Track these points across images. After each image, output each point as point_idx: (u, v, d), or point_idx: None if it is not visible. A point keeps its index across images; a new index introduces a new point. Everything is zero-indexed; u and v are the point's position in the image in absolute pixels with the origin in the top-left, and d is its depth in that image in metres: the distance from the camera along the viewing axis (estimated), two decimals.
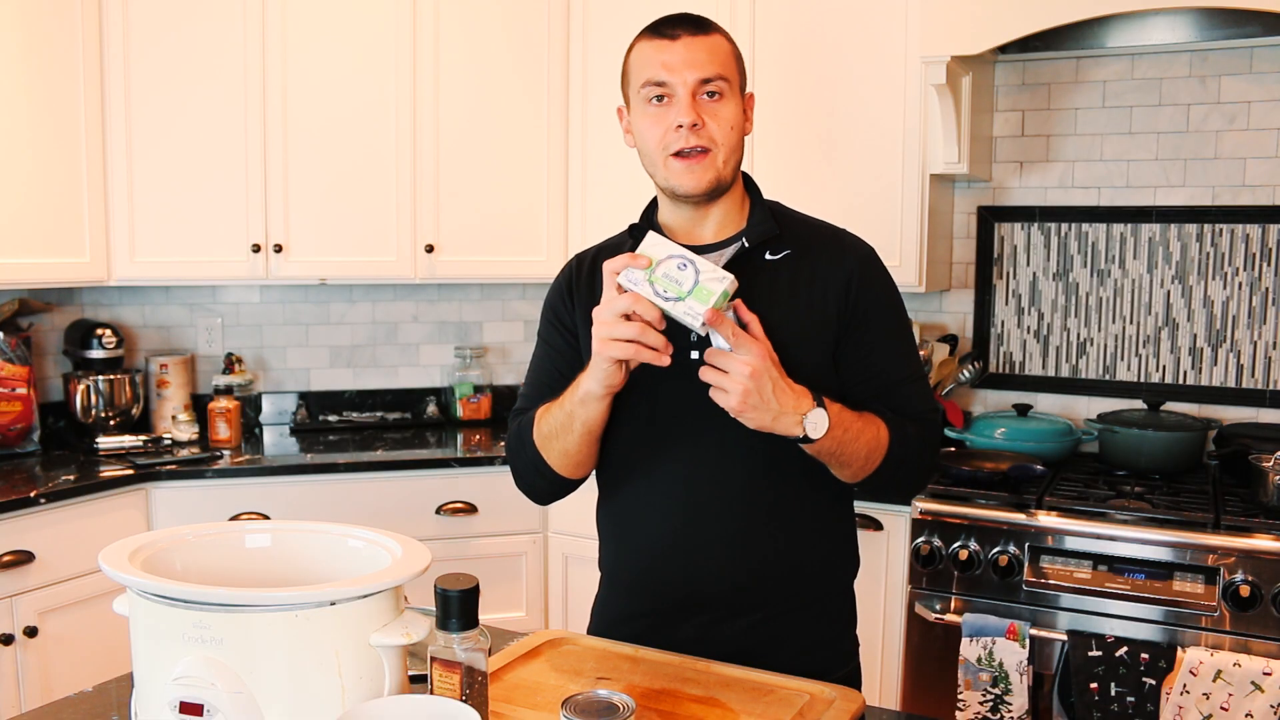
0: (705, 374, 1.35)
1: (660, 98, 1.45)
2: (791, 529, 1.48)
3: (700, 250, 1.50)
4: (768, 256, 1.49)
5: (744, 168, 1.54)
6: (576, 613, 2.86)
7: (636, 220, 1.57)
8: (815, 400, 1.38)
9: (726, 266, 1.47)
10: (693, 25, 1.46)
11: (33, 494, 2.42)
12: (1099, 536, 2.28)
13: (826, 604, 1.55)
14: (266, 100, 2.91)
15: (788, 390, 1.36)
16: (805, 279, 1.48)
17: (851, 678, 1.57)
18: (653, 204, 1.58)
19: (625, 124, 1.54)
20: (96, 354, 3.01)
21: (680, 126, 1.43)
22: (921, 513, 2.43)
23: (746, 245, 1.48)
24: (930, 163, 2.69)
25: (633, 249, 1.44)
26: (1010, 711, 2.27)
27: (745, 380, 1.32)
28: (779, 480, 1.48)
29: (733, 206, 1.52)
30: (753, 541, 1.48)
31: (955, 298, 3.08)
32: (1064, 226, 2.93)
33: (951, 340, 3.00)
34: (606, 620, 1.61)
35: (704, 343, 1.42)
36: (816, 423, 1.37)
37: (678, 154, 1.44)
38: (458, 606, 1.12)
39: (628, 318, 1.34)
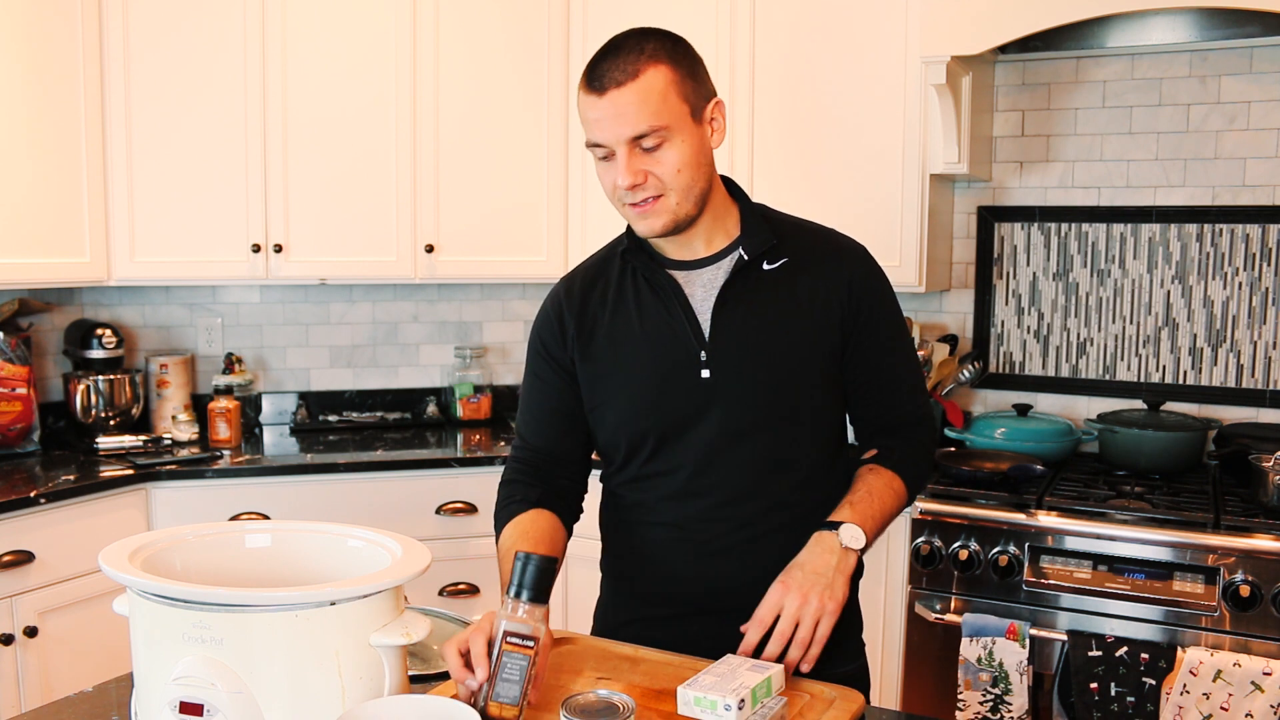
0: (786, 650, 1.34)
1: (604, 155, 1.41)
2: (800, 532, 1.48)
3: (698, 264, 1.50)
4: (765, 267, 1.48)
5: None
6: (576, 613, 2.86)
7: (622, 233, 1.55)
8: (831, 526, 1.42)
9: (728, 280, 1.47)
10: (620, 70, 1.36)
11: (33, 494, 2.42)
12: (1099, 536, 2.28)
13: None
14: (266, 100, 2.91)
15: (814, 555, 1.40)
16: (805, 286, 1.48)
17: (860, 674, 1.57)
18: None
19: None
20: (96, 354, 3.01)
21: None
22: (921, 513, 2.43)
23: (745, 258, 1.47)
24: (930, 163, 2.69)
25: (620, 284, 1.51)
26: (1010, 711, 2.27)
27: (809, 624, 1.34)
28: (786, 484, 1.49)
29: (717, 217, 1.50)
30: (762, 545, 1.48)
31: (955, 298, 3.08)
32: (1064, 226, 2.93)
33: (951, 340, 3.00)
34: (614, 624, 1.60)
35: (711, 351, 1.44)
36: (854, 536, 1.41)
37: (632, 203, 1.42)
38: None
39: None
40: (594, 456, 1.61)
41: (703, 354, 1.46)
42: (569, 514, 1.57)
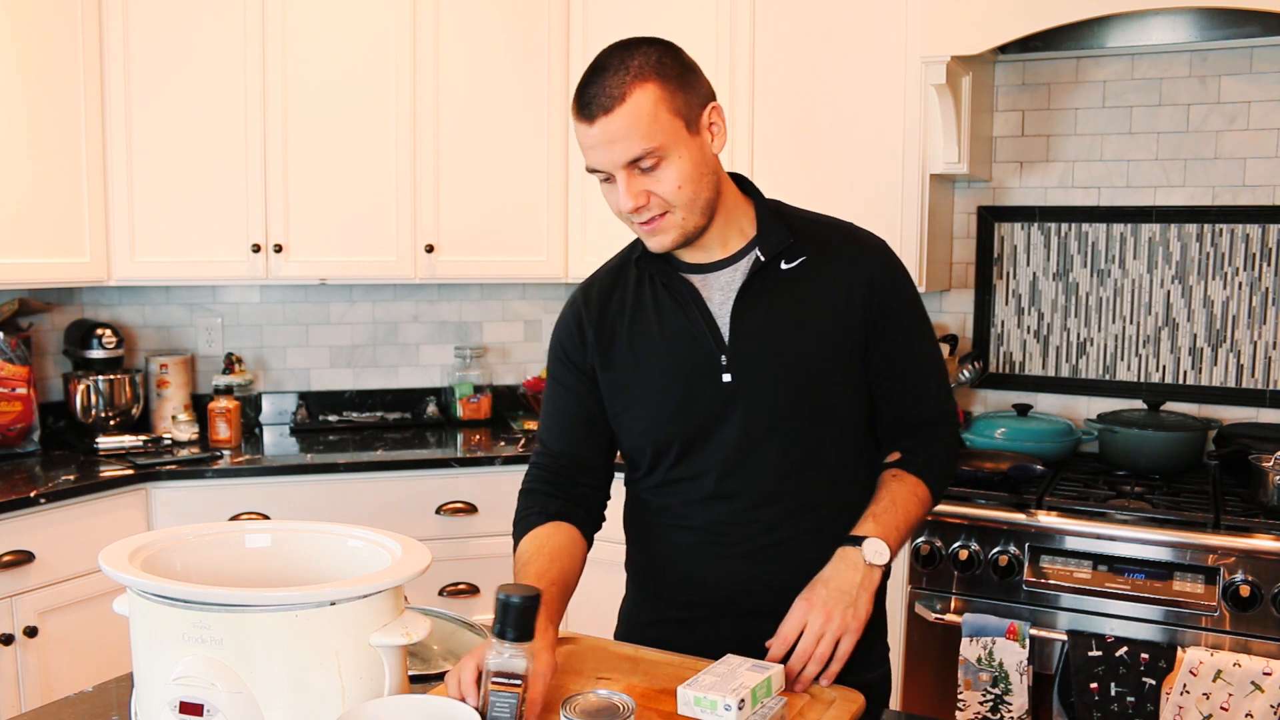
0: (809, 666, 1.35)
1: (605, 178, 1.40)
2: (828, 533, 1.48)
3: (715, 266, 1.50)
4: (783, 266, 1.47)
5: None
6: (577, 613, 2.85)
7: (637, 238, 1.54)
8: (854, 541, 1.41)
9: (746, 282, 1.46)
10: (606, 95, 1.33)
11: (33, 494, 2.42)
12: (1099, 536, 2.28)
13: None
14: (266, 100, 2.91)
15: (839, 572, 1.40)
16: (825, 285, 1.47)
17: (883, 681, 1.57)
18: None
19: None
20: (96, 354, 3.01)
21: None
22: None
23: (762, 259, 1.46)
24: (930, 163, 2.69)
25: (638, 291, 1.49)
26: (1010, 711, 2.27)
27: (830, 640, 1.35)
28: (813, 485, 1.48)
29: (730, 219, 1.49)
30: (790, 548, 1.48)
31: (955, 298, 3.08)
32: (1064, 226, 2.93)
33: (951, 340, 3.00)
34: (639, 623, 1.61)
35: (731, 354, 1.44)
36: (878, 551, 1.41)
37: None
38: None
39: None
40: (617, 460, 1.60)
41: (723, 358, 1.45)
42: (589, 524, 1.55)
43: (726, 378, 1.45)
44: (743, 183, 1.53)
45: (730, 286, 1.48)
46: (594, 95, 1.34)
